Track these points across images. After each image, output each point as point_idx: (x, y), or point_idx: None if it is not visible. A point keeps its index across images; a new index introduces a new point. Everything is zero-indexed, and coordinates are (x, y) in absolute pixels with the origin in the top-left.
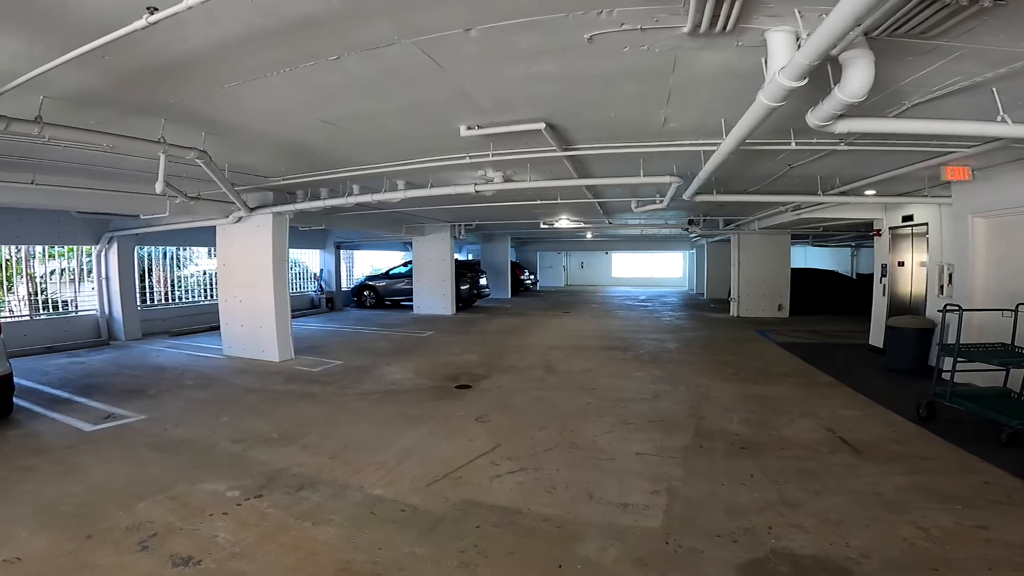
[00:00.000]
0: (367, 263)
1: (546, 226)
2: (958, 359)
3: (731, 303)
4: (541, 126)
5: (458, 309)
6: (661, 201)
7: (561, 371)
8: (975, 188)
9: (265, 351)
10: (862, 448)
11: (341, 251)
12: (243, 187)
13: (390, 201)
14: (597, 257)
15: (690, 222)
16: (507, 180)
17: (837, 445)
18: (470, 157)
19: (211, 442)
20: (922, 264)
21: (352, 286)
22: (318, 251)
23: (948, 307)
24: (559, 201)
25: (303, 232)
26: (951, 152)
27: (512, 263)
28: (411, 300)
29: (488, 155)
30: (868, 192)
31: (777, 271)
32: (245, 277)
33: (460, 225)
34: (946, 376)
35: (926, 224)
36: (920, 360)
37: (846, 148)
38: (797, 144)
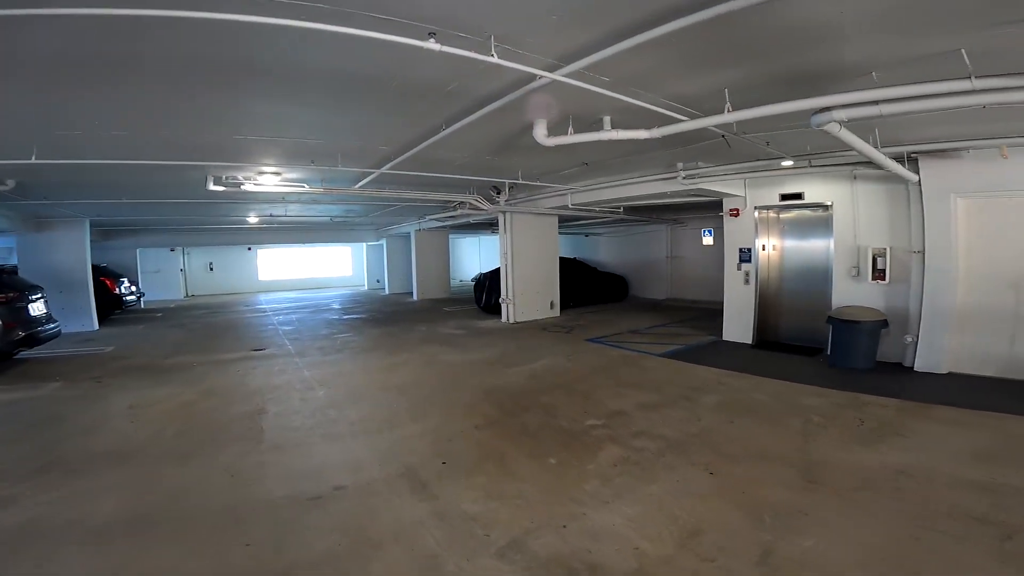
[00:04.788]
0: None
1: (220, 187)
2: None
3: (504, 305)
4: None
5: None
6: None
7: None
8: (956, 167)
9: None
10: None
11: None
12: None
13: None
14: (234, 255)
15: (494, 189)
16: None
17: None
18: None
19: None
20: (775, 248)
21: None
22: None
23: None
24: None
25: None
26: None
27: (97, 268)
28: None
29: None
30: (785, 163)
31: (550, 262)
32: None
33: None
34: None
35: (827, 204)
36: (871, 356)
37: None
38: None
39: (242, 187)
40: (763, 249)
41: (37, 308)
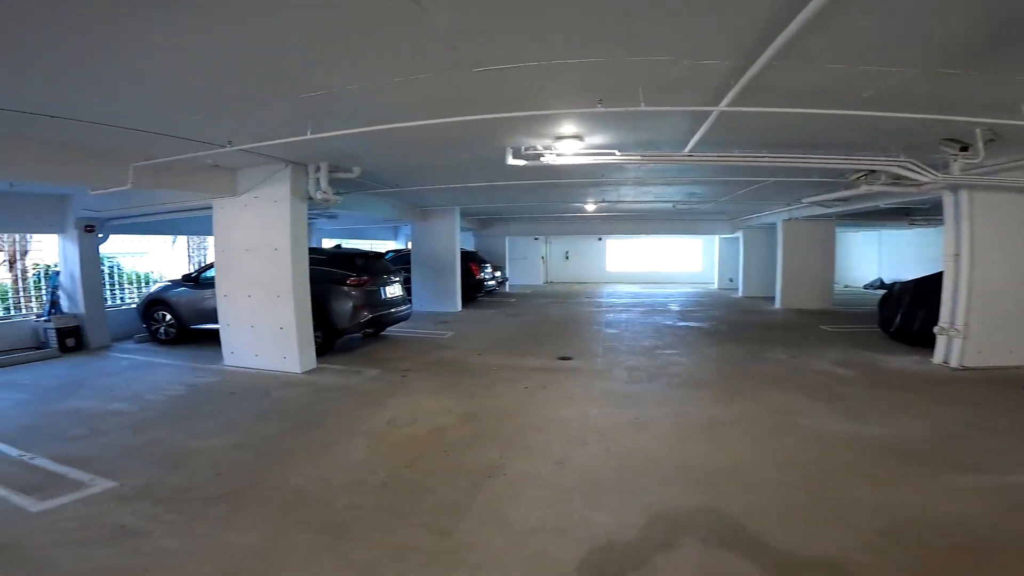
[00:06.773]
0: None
1: (520, 161)
2: None
3: (942, 337)
4: None
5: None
6: None
7: None
8: None
9: None
10: None
11: (99, 235)
12: None
13: None
14: (586, 244)
15: (954, 142)
16: None
17: None
18: None
19: None
20: None
21: (141, 302)
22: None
23: None
24: None
25: None
26: None
27: (466, 254)
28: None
29: None
30: None
31: None
32: None
33: (320, 169)
34: None
35: None
36: None
37: None
38: None
39: (542, 159)
40: None
41: (391, 291)
